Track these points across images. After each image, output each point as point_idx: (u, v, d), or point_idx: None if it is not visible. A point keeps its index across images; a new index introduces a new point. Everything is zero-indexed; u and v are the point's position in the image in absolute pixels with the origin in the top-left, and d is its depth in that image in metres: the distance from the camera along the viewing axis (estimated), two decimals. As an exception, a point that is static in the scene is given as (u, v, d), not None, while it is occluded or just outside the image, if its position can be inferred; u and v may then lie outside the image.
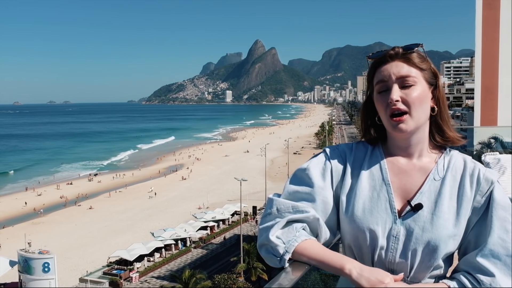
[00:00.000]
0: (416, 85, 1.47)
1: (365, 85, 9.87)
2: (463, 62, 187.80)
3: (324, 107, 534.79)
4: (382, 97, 1.49)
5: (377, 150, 1.60)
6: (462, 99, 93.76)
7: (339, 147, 1.64)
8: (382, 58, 1.52)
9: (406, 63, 1.49)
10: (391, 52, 1.51)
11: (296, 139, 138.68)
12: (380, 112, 1.51)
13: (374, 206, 1.49)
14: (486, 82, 8.42)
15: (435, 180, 1.50)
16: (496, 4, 8.19)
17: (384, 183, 1.52)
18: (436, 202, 1.47)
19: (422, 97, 1.48)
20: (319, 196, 1.53)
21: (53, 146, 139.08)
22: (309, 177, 1.56)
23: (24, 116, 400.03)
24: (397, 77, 1.48)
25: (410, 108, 1.46)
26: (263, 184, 65.70)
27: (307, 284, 1.66)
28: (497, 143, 7.26)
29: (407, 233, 1.45)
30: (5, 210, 62.62)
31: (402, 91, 1.47)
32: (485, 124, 8.25)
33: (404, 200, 1.49)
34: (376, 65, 1.53)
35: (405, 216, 1.47)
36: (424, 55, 1.53)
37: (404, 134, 1.48)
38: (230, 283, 34.20)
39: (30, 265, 33.32)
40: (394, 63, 1.49)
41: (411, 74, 1.48)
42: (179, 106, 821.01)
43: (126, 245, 44.06)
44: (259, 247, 1.52)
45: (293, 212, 1.50)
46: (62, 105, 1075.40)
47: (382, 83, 1.50)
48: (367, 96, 1.61)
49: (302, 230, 1.48)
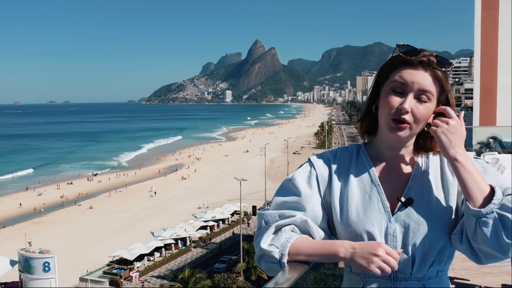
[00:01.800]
0: (429, 102, 1.46)
1: (364, 85, 9.76)
2: (462, 62, 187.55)
3: (324, 107, 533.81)
4: (394, 96, 1.47)
5: (361, 153, 1.60)
6: (461, 99, 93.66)
7: (323, 155, 1.64)
8: (412, 60, 1.46)
9: (432, 77, 1.46)
10: (423, 59, 1.45)
11: (295, 139, 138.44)
12: (384, 108, 1.49)
13: (368, 208, 1.50)
14: (485, 82, 8.44)
15: (419, 175, 1.53)
16: (495, 5, 8.21)
17: (373, 185, 1.54)
18: (425, 195, 1.50)
19: (429, 115, 1.47)
20: (308, 204, 1.54)
21: (53, 146, 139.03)
22: (295, 186, 1.56)
23: (27, 116, 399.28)
24: (419, 89, 1.45)
25: (414, 122, 1.45)
26: (263, 183, 65.65)
27: (306, 284, 1.68)
28: (496, 143, 7.27)
29: (403, 230, 1.47)
30: (5, 210, 62.72)
31: (414, 103, 1.45)
32: (484, 124, 8.27)
33: (394, 198, 1.51)
34: (403, 62, 1.48)
35: (398, 213, 1.48)
36: (448, 76, 1.51)
37: (399, 139, 1.49)
38: (230, 282, 34.21)
39: (30, 265, 33.32)
40: (422, 72, 1.45)
41: (431, 90, 1.45)
42: (179, 106, 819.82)
43: (126, 244, 44.08)
44: (258, 262, 1.53)
45: (280, 219, 1.51)
46: (64, 105, 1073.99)
47: (400, 84, 1.46)
48: (376, 82, 1.56)
49: (291, 232, 1.49)
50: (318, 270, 2.56)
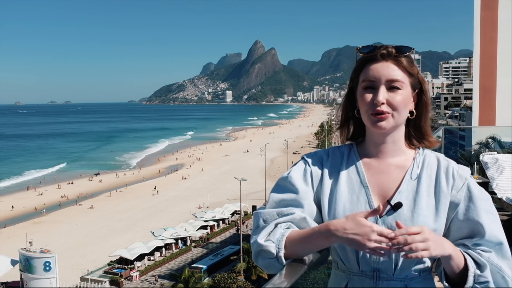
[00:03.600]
0: (402, 89, 1.49)
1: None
2: (461, 63, 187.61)
3: (324, 107, 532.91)
4: (367, 94, 1.50)
5: (352, 154, 1.62)
6: (461, 99, 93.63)
7: (317, 153, 1.66)
8: (373, 55, 1.52)
9: (396, 65, 1.50)
10: (383, 51, 1.50)
11: (295, 139, 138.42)
12: (362, 108, 1.52)
13: (354, 208, 1.51)
14: (484, 82, 8.47)
15: (412, 179, 1.54)
16: (494, 5, 8.23)
17: (362, 186, 1.55)
18: (415, 200, 1.50)
19: (405, 101, 1.50)
20: (305, 200, 1.56)
21: (54, 146, 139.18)
22: (292, 184, 1.58)
23: (32, 116, 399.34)
24: (386, 79, 1.49)
25: (393, 111, 1.49)
26: (263, 183, 65.65)
27: (306, 284, 1.70)
28: (495, 143, 7.28)
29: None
30: (5, 209, 62.73)
31: (388, 93, 1.48)
32: (483, 124, 8.30)
33: (383, 200, 1.52)
34: (366, 60, 1.53)
35: (385, 216, 1.49)
36: (413, 60, 1.54)
37: (383, 130, 1.51)
38: (230, 282, 34.25)
39: (31, 264, 33.42)
40: (385, 64, 1.50)
41: (399, 78, 1.49)
42: (179, 106, 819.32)
43: (126, 244, 44.13)
44: (255, 259, 1.54)
45: (279, 217, 1.53)
46: (66, 105, 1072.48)
47: (369, 81, 1.50)
48: (350, 88, 1.61)
49: (287, 228, 1.51)
50: (317, 269, 2.52)
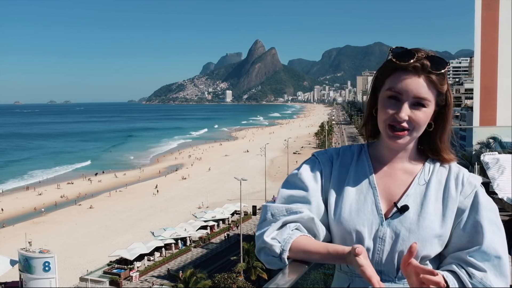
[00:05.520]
0: (427, 107, 1.44)
1: (365, 85, 9.66)
2: (462, 62, 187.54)
3: (324, 107, 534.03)
4: (389, 104, 1.45)
5: (363, 154, 1.61)
6: (461, 99, 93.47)
7: (328, 152, 1.66)
8: (405, 65, 1.42)
9: (427, 82, 1.42)
10: (417, 64, 1.41)
11: (295, 139, 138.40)
12: (381, 115, 1.48)
13: (361, 208, 1.51)
14: (485, 82, 8.44)
15: (420, 185, 1.52)
16: (495, 5, 8.21)
17: (370, 186, 1.54)
18: (422, 204, 1.49)
19: (427, 119, 1.46)
20: (314, 198, 1.56)
21: (54, 146, 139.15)
22: (302, 181, 1.58)
23: (33, 115, 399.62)
24: (413, 96, 1.42)
25: (413, 128, 1.44)
26: (263, 183, 65.71)
27: (307, 284, 1.68)
28: (496, 143, 7.26)
29: (393, 235, 1.46)
30: (5, 209, 62.72)
31: (411, 110, 1.43)
32: (484, 124, 8.28)
33: (391, 202, 1.51)
34: (396, 67, 1.44)
35: (391, 218, 1.48)
36: (446, 76, 1.46)
37: (399, 147, 1.50)
38: (230, 282, 34.22)
39: (30, 264, 33.34)
40: (415, 80, 1.42)
41: (427, 96, 1.43)
42: (179, 106, 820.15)
43: (126, 244, 44.08)
44: (257, 253, 1.53)
45: (288, 214, 1.52)
46: (67, 104, 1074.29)
47: (395, 92, 1.44)
48: (373, 85, 1.55)
49: (296, 229, 1.49)
50: (318, 269, 2.51)
